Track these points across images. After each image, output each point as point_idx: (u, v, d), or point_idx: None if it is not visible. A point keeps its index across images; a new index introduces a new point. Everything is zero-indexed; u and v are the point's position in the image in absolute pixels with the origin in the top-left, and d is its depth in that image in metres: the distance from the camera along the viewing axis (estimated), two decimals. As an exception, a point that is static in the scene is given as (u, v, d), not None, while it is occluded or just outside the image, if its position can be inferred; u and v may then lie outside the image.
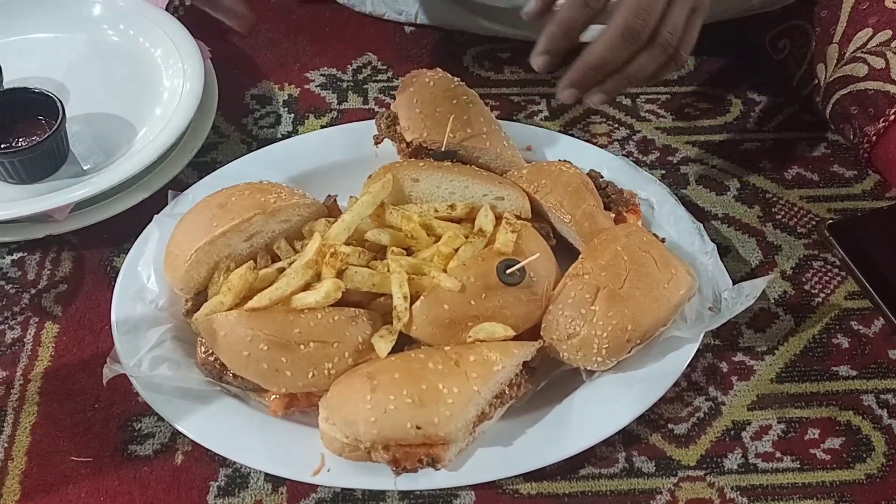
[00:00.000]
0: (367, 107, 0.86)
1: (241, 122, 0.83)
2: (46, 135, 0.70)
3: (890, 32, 0.76)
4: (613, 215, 0.70)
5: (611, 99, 0.69)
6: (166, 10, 0.86)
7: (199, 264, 0.63)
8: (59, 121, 0.71)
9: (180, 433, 0.60)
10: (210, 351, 0.60)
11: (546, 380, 0.63)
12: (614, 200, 0.71)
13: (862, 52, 0.77)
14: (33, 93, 0.73)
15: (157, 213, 0.70)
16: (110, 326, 0.64)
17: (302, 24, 0.94)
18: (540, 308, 0.62)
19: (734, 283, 0.66)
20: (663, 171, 0.80)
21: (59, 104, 0.71)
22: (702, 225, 0.71)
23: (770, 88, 0.88)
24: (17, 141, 0.72)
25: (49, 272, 0.71)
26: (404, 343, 0.62)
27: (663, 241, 0.68)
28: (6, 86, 0.75)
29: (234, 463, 0.61)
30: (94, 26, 0.82)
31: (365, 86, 0.88)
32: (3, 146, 0.71)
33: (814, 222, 0.77)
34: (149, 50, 0.81)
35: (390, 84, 0.88)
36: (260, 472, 0.60)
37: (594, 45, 0.63)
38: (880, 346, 0.68)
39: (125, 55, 0.81)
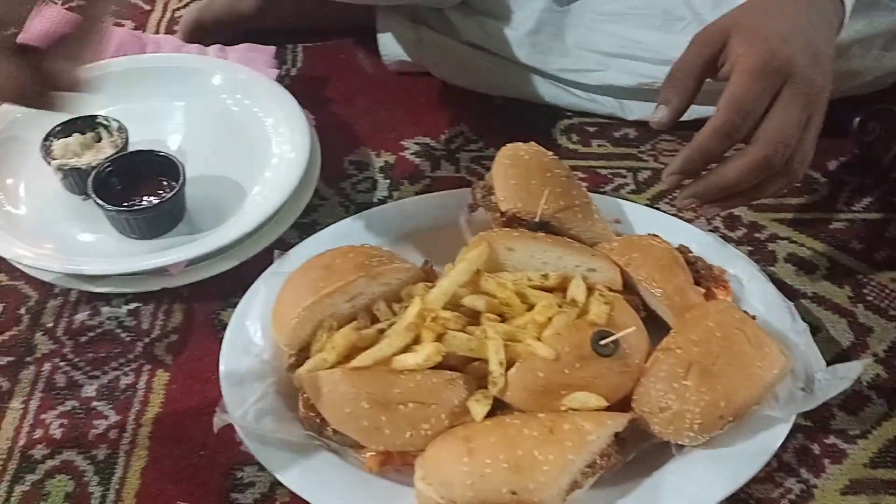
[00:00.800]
0: (458, 175, 0.90)
1: (340, 186, 0.88)
2: (168, 195, 0.76)
3: (985, 119, 0.77)
4: (703, 291, 0.71)
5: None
6: (276, 80, 0.92)
7: (304, 322, 0.67)
8: (179, 183, 0.76)
9: (280, 484, 0.63)
10: (311, 406, 0.63)
11: (636, 452, 0.64)
12: (704, 276, 0.72)
13: (955, 137, 0.78)
14: (157, 155, 0.79)
15: (263, 271, 0.74)
16: (217, 377, 0.67)
17: (398, 94, 0.99)
18: (632, 380, 0.64)
19: (827, 365, 0.66)
20: (750, 248, 0.81)
21: (180, 167, 0.77)
22: (792, 304, 0.71)
23: (858, 169, 0.89)
24: (141, 199, 0.77)
25: (161, 323, 0.75)
26: (497, 408, 0.63)
27: (754, 318, 0.68)
28: (131, 148, 0.82)
29: (329, 517, 0.63)
30: (213, 95, 0.89)
31: (457, 155, 0.92)
32: (126, 204, 0.77)
33: (907, 305, 0.76)
34: (261, 118, 0.87)
35: (481, 154, 0.92)
36: (354, 526, 0.62)
37: (728, 170, 0.64)
38: (979, 435, 0.67)
39: (239, 122, 0.88)
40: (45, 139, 0.80)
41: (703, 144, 0.64)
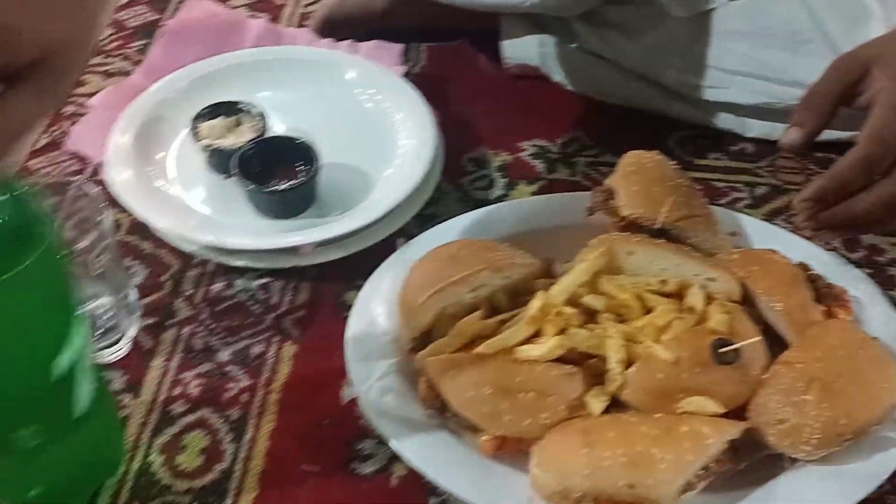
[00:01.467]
0: (573, 179, 0.92)
1: (459, 182, 0.91)
2: (304, 179, 0.80)
3: None
4: (824, 309, 0.71)
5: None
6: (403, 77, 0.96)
7: (428, 308, 0.70)
8: (315, 168, 0.81)
9: (396, 458, 0.67)
10: (433, 388, 0.67)
11: (747, 462, 0.65)
12: (824, 294, 0.72)
13: None
14: (295, 141, 0.83)
15: (385, 258, 0.78)
16: (339, 354, 0.71)
17: (517, 97, 1.02)
18: (749, 390, 0.64)
19: (949, 393, 0.65)
20: (870, 271, 0.81)
21: (315, 153, 0.82)
22: (913, 330, 0.71)
23: None
24: (278, 182, 0.82)
25: (290, 299, 0.80)
26: (611, 406, 0.65)
27: (876, 340, 0.68)
28: (269, 134, 0.87)
29: (443, 494, 0.66)
30: (347, 88, 0.93)
31: (573, 159, 0.94)
32: (265, 185, 0.82)
33: None
34: (390, 113, 0.91)
35: (596, 160, 0.94)
36: (466, 505, 0.65)
37: (860, 202, 0.65)
38: None
39: (370, 116, 0.92)
40: (194, 120, 0.86)
41: (842, 175, 0.64)
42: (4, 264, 0.47)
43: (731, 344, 0.64)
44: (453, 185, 0.91)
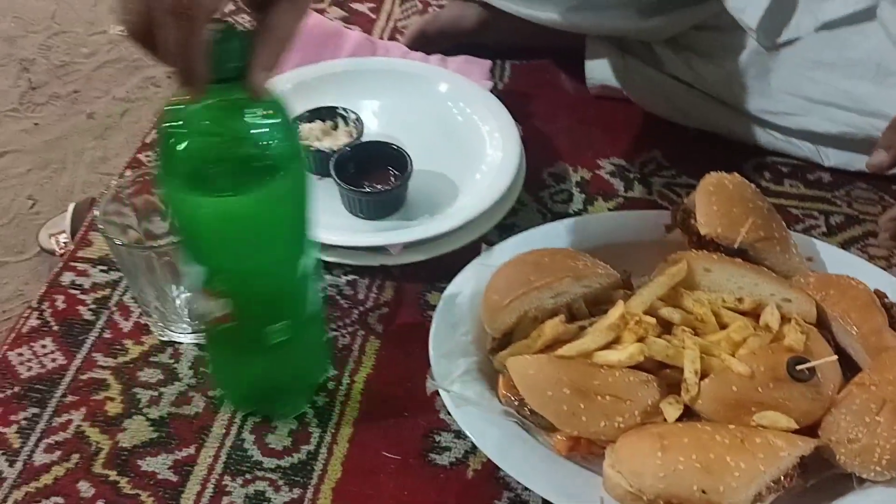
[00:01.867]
0: (650, 198, 0.95)
1: (539, 195, 0.95)
2: (397, 183, 0.85)
3: None
4: (898, 335, 0.72)
5: None
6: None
7: (512, 311, 0.73)
8: (407, 172, 0.85)
9: (473, 452, 0.70)
10: (512, 386, 0.70)
11: (816, 479, 0.66)
12: (900, 322, 0.74)
13: None
14: (390, 147, 0.88)
15: (468, 262, 0.81)
16: (420, 350, 0.74)
17: (597, 116, 1.05)
18: (822, 408, 0.66)
19: None
20: (946, 302, 0.82)
21: (408, 159, 0.86)
22: None
23: None
24: (371, 184, 0.87)
25: (375, 296, 0.84)
26: (685, 416, 0.68)
27: (950, 369, 0.69)
28: (364, 139, 0.92)
29: (516, 489, 0.69)
30: (439, 100, 0.98)
31: (650, 179, 0.97)
32: (358, 187, 0.87)
33: None
34: (478, 125, 0.95)
35: (673, 180, 0.97)
36: (538, 500, 0.68)
37: None
38: None
39: (459, 127, 0.96)
40: (294, 121, 0.91)
41: None
42: (274, 175, 0.57)
43: (807, 362, 0.66)
44: (533, 198, 0.94)
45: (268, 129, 0.57)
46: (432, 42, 1.09)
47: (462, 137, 0.95)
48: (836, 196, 0.94)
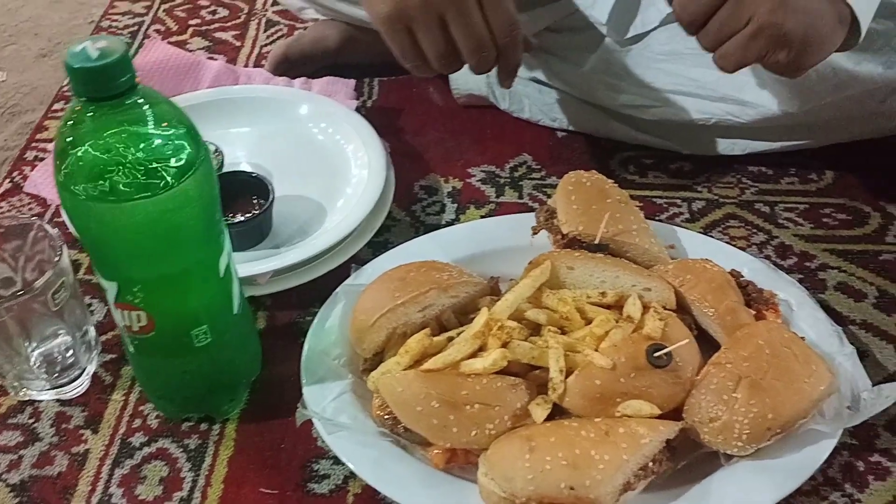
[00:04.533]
0: (521, 201, 0.96)
1: (411, 209, 0.95)
2: (259, 212, 0.83)
3: None
4: (754, 313, 0.75)
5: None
6: (356, 111, 1.00)
7: (379, 329, 0.73)
8: (269, 201, 0.84)
9: (351, 477, 0.69)
10: (385, 405, 0.69)
11: (686, 460, 0.68)
12: (755, 299, 0.76)
13: None
14: (250, 176, 0.87)
15: (340, 284, 0.80)
16: (296, 379, 0.73)
17: (466, 126, 1.06)
18: (684, 391, 0.68)
19: (873, 386, 0.69)
20: (801, 276, 0.85)
21: (269, 187, 0.85)
22: (840, 329, 0.74)
23: (910, 204, 0.92)
24: (234, 215, 0.85)
25: (255, 326, 0.82)
26: (556, 413, 0.68)
27: (802, 339, 0.72)
28: (226, 169, 0.90)
29: (398, 507, 0.68)
30: (300, 123, 0.97)
31: (520, 182, 0.98)
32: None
33: (955, 334, 0.79)
34: (342, 145, 0.95)
35: (543, 182, 0.98)
36: (420, 517, 0.67)
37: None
38: None
39: (323, 148, 0.95)
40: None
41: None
42: (177, 177, 0.58)
43: (664, 348, 0.67)
44: (406, 212, 0.94)
45: (167, 134, 0.58)
46: (296, 65, 1.08)
47: (327, 158, 0.94)
48: (697, 182, 0.97)
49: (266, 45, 1.19)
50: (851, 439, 0.71)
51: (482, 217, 0.93)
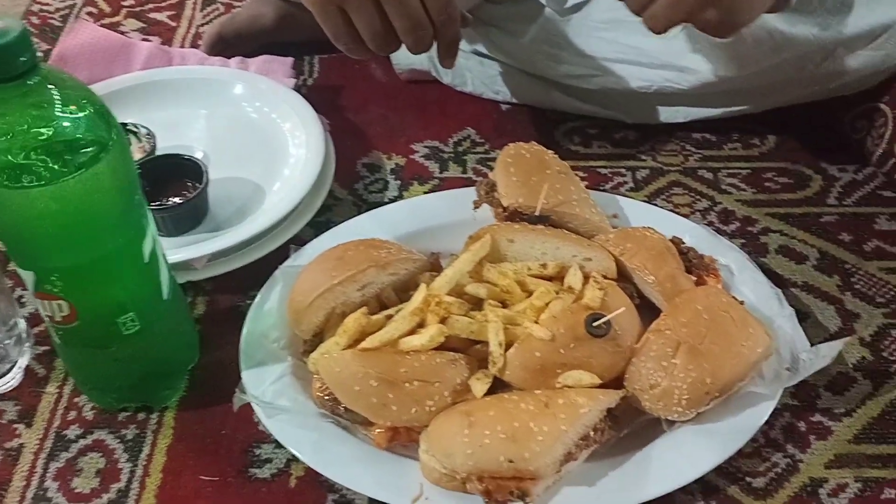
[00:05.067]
0: (465, 176, 0.95)
1: (353, 188, 0.93)
2: (192, 195, 0.81)
3: (966, 114, 0.80)
4: (694, 278, 0.75)
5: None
6: (294, 89, 0.98)
7: (317, 310, 0.71)
8: (203, 184, 0.82)
9: (294, 460, 0.68)
10: (324, 386, 0.68)
11: (629, 428, 0.67)
12: (695, 265, 0.76)
13: (939, 132, 0.81)
14: (183, 158, 0.84)
15: (281, 265, 0.79)
16: (237, 363, 0.72)
17: (409, 101, 1.04)
18: (624, 360, 0.67)
19: (812, 346, 0.69)
20: (743, 241, 0.85)
21: (203, 169, 0.83)
22: (780, 291, 0.75)
23: (849, 166, 0.92)
24: (167, 199, 0.83)
25: (190, 312, 0.80)
26: (498, 387, 0.68)
27: (742, 303, 0.72)
28: (158, 153, 0.87)
29: (341, 489, 0.67)
30: (234, 103, 0.95)
31: (464, 157, 0.97)
32: (154, 204, 0.82)
33: (893, 292, 0.79)
34: (279, 124, 0.93)
35: (487, 156, 0.97)
36: (364, 497, 0.67)
37: None
38: (960, 413, 0.70)
39: (259, 128, 0.93)
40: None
41: None
42: (89, 160, 0.56)
43: (603, 317, 0.67)
44: (348, 191, 0.93)
45: (75, 116, 0.56)
46: (232, 45, 1.05)
47: (264, 138, 0.92)
48: (642, 151, 0.97)
49: (203, 24, 1.16)
50: (793, 400, 0.72)
51: (426, 193, 0.92)
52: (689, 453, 0.65)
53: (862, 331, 0.77)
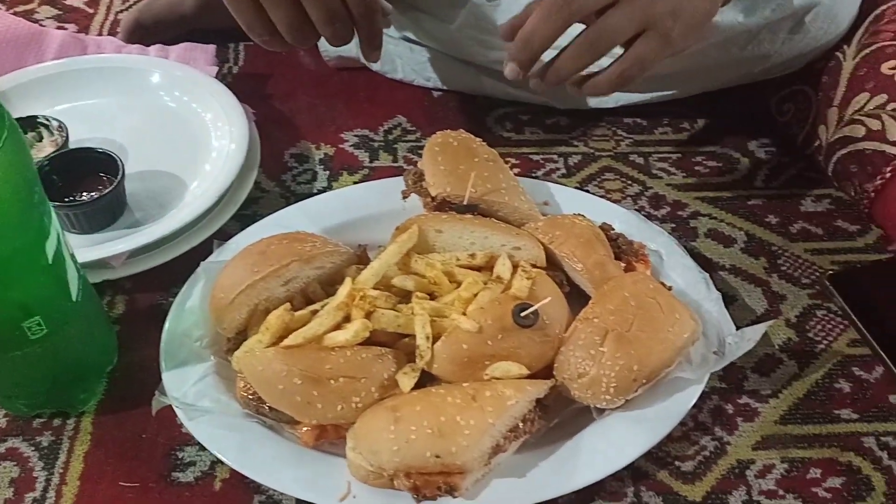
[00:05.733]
0: (396, 164, 0.93)
1: (281, 179, 0.91)
2: (107, 190, 0.78)
3: (885, 97, 0.81)
4: (624, 265, 0.75)
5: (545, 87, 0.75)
6: (216, 77, 0.94)
7: (240, 306, 0.69)
8: (118, 178, 0.78)
9: (219, 462, 0.66)
10: (248, 385, 0.66)
11: (559, 417, 0.67)
12: (625, 251, 0.76)
13: (860, 114, 0.82)
14: (96, 152, 0.81)
15: (203, 261, 0.76)
16: (158, 363, 0.69)
17: (338, 89, 1.02)
18: (553, 349, 0.67)
19: (738, 329, 0.70)
20: (673, 225, 0.85)
21: (119, 162, 0.79)
22: (708, 275, 0.75)
23: (776, 149, 0.93)
24: (81, 195, 0.79)
25: (106, 314, 0.77)
26: (426, 380, 0.66)
27: (670, 289, 0.72)
28: (72, 146, 0.83)
29: (268, 490, 0.65)
30: (152, 93, 0.91)
31: (395, 145, 0.95)
32: (67, 199, 0.79)
33: (818, 273, 0.81)
34: (200, 114, 0.89)
35: (418, 144, 0.95)
36: (291, 498, 0.65)
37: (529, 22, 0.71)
38: (881, 391, 0.71)
39: (179, 119, 0.90)
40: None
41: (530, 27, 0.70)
42: None
43: (530, 307, 0.66)
44: (275, 182, 0.90)
45: None
46: (152, 32, 1.01)
47: (184, 129, 0.89)
48: (574, 137, 0.96)
49: (122, 10, 1.11)
50: (721, 383, 0.72)
51: (355, 183, 0.90)
52: (618, 440, 0.64)
53: (788, 312, 0.77)
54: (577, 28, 0.72)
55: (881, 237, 0.84)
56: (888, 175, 0.79)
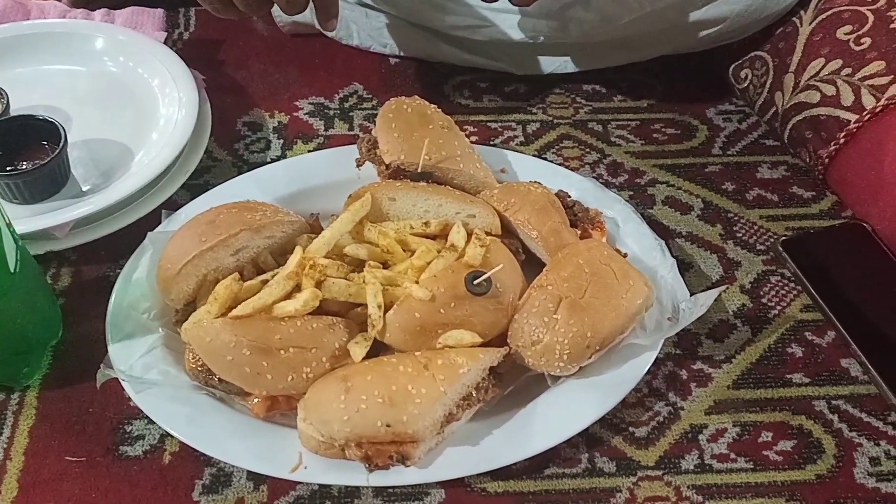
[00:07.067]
0: (352, 133, 0.91)
1: (233, 148, 0.88)
2: (48, 158, 0.75)
3: (840, 62, 0.81)
4: (579, 232, 0.74)
5: None
6: (164, 43, 0.91)
7: (188, 277, 0.67)
8: (60, 145, 0.76)
9: (168, 435, 0.65)
10: (197, 357, 0.65)
11: (513, 385, 0.67)
12: (580, 218, 0.75)
13: (815, 80, 0.82)
14: (38, 119, 0.78)
15: (151, 231, 0.74)
16: (105, 336, 0.68)
17: (292, 56, 0.99)
18: (506, 317, 0.66)
19: (692, 295, 0.70)
20: (631, 192, 0.85)
21: (61, 130, 0.76)
22: (664, 242, 0.75)
23: (734, 115, 0.93)
24: (22, 164, 0.76)
25: (49, 286, 0.75)
26: (379, 350, 0.66)
27: (625, 256, 0.72)
28: (13, 113, 0.80)
29: (219, 462, 0.64)
30: (95, 59, 0.88)
31: (350, 113, 0.93)
32: (8, 169, 0.76)
33: (772, 240, 0.81)
34: (147, 80, 0.87)
35: (374, 111, 0.93)
36: (242, 470, 0.64)
37: None
38: (832, 356, 0.72)
39: (124, 85, 0.87)
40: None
41: None
42: None
43: (483, 275, 0.65)
44: (227, 151, 0.88)
45: None
46: (98, -3, 0.98)
47: (130, 96, 0.86)
48: (532, 104, 0.95)
49: (68, -26, 1.07)
50: (676, 349, 0.72)
51: (309, 152, 0.88)
52: (572, 407, 0.64)
53: (742, 278, 0.78)
54: None
55: (836, 203, 0.84)
56: (842, 141, 0.79)
